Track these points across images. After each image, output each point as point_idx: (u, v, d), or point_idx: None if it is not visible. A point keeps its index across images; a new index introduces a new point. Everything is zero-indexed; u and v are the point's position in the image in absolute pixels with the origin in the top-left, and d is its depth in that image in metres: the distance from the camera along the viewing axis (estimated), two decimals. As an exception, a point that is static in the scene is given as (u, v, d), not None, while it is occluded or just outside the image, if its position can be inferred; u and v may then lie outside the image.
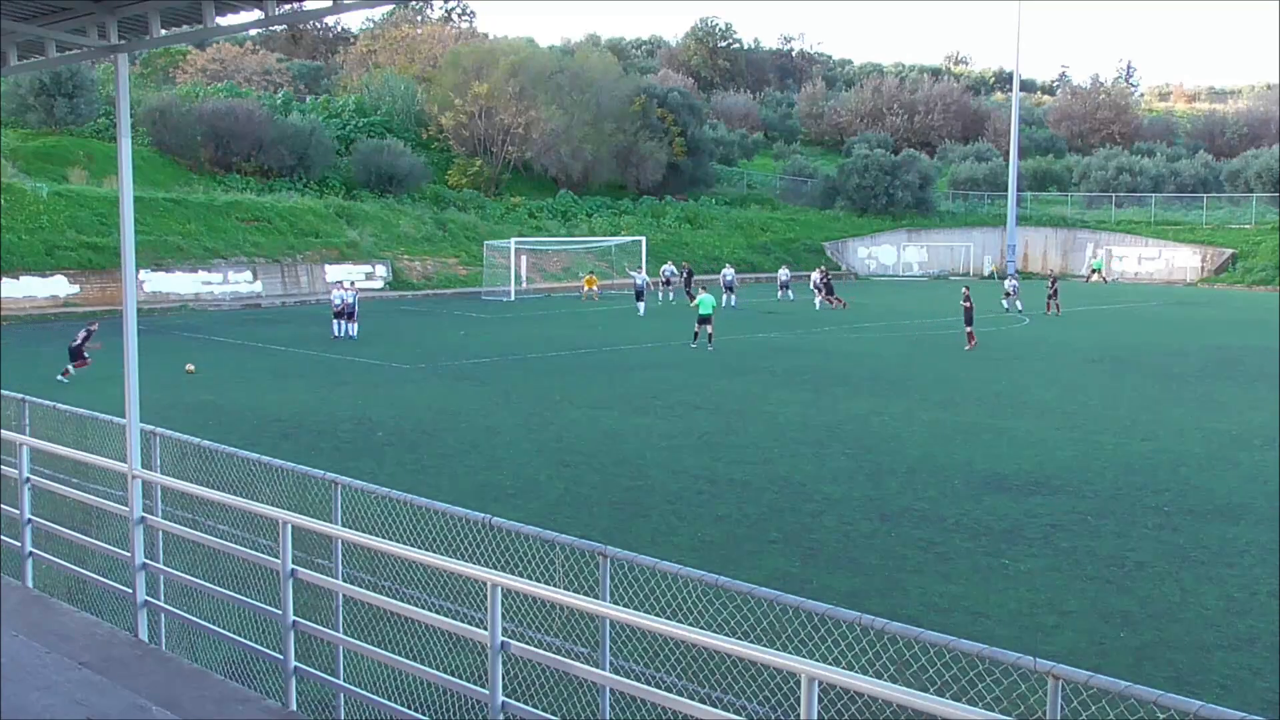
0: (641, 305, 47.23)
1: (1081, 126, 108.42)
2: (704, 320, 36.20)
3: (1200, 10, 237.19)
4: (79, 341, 29.70)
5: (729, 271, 55.62)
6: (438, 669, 8.23)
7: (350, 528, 9.39)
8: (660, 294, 55.24)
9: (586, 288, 57.01)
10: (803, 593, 9.47)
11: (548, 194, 77.21)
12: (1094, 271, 74.77)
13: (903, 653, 7.87)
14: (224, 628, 9.57)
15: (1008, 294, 51.83)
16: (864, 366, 32.54)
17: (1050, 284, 51.92)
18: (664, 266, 58.73)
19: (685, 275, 56.68)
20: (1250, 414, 25.42)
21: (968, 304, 37.37)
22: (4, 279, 45.27)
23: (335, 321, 39.28)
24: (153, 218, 52.17)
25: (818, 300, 52.14)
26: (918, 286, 69.33)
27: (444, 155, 76.88)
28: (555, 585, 8.20)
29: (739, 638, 7.26)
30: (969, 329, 36.86)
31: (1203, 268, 72.83)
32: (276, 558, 8.66)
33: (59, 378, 28.42)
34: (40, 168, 57.01)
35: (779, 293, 57.08)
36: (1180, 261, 73.58)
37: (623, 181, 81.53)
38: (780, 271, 60.75)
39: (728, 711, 7.00)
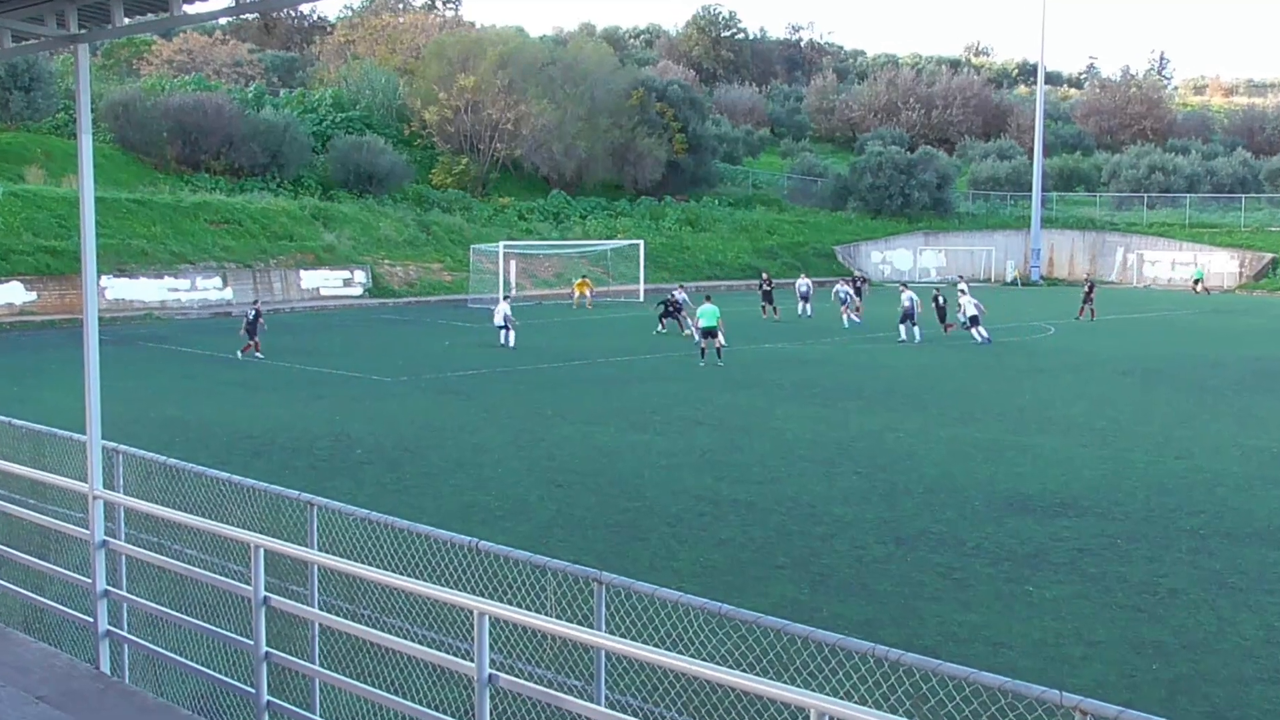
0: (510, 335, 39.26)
1: (1111, 122, 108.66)
2: (708, 334, 35.19)
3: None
4: (252, 318, 36.39)
5: (804, 282, 52.37)
6: (421, 704, 8.24)
7: (327, 552, 9.39)
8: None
9: (578, 293, 57.03)
10: (812, 622, 9.48)
11: (539, 194, 77.28)
12: (1196, 282, 71.21)
13: (919, 686, 7.89)
14: (192, 659, 9.57)
15: (854, 305, 48.65)
16: (877, 379, 32.57)
17: (1086, 288, 52.87)
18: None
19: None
20: (1292, 430, 25.45)
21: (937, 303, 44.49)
22: (-45, 285, 45.26)
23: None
24: (115, 220, 52.20)
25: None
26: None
27: (427, 153, 76.95)
28: (546, 614, 8.21)
29: (744, 670, 7.27)
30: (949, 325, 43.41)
31: (1241, 273, 72.92)
32: (248, 584, 8.67)
33: (242, 354, 35.57)
34: (-6, 166, 57.09)
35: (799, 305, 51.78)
36: (1217, 266, 73.62)
37: (619, 181, 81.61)
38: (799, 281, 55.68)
39: (731, 749, 7.01)
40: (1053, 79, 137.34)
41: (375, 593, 10.53)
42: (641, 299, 58.73)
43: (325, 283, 57.50)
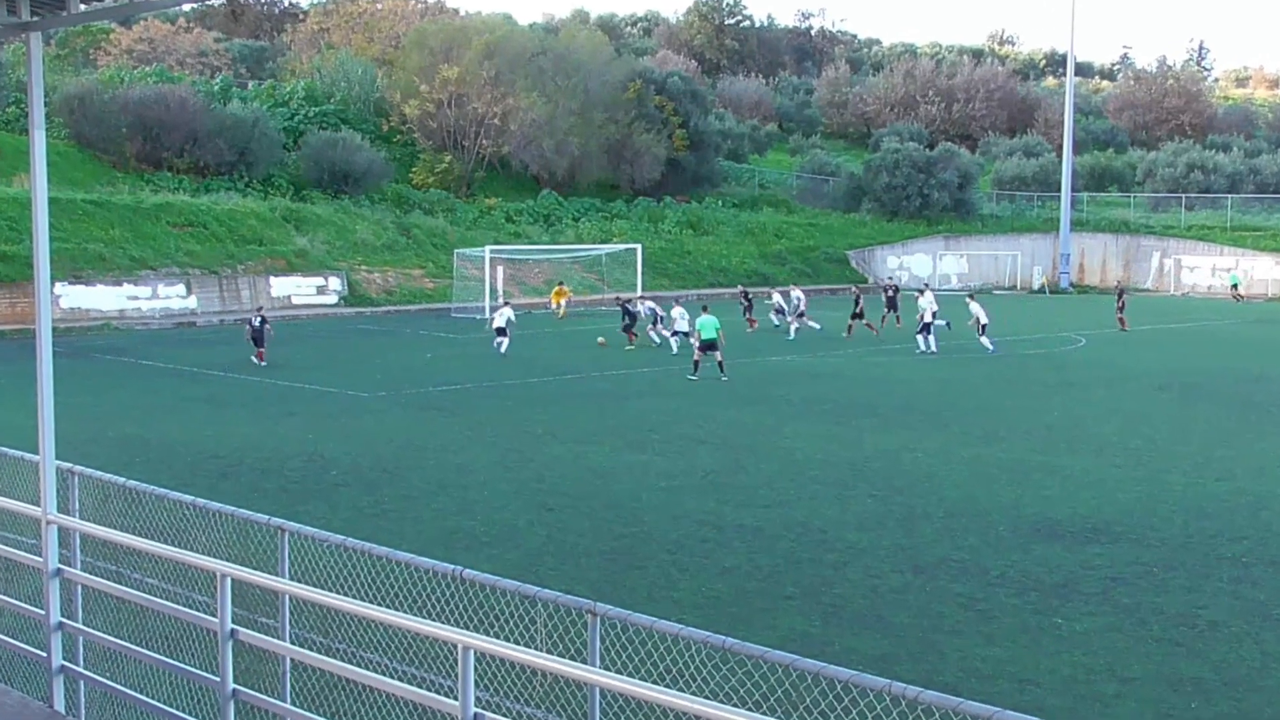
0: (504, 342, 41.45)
1: (1146, 117, 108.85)
2: (708, 346, 35.02)
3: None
4: (258, 325, 37.53)
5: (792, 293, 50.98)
6: (400, 745, 8.24)
7: (299, 581, 9.40)
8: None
9: (555, 302, 56.86)
10: (824, 656, 9.49)
11: (528, 195, 77.37)
12: (1233, 288, 71.86)
13: (939, 726, 7.90)
14: (153, 697, 9.57)
15: (798, 312, 48.09)
16: (894, 394, 32.60)
17: (1118, 297, 52.93)
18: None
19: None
20: (1342, 449, 25.48)
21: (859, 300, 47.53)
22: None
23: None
24: (70, 222, 52.22)
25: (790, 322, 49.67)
26: (957, 302, 69.34)
27: (408, 150, 77.02)
28: (536, 648, 8.22)
29: (750, 708, 7.28)
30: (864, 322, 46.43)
31: (1287, 280, 73.07)
32: (213, 616, 8.67)
33: (258, 362, 36.86)
34: (-60, 164, 57.15)
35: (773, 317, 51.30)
36: (1261, 273, 73.72)
37: (615, 180, 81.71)
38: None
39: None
40: (1083, 70, 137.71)
41: (351, 625, 10.53)
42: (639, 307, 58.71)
43: (297, 290, 57.47)
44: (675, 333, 42.18)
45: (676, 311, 42.86)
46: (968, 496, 20.76)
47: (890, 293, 53.05)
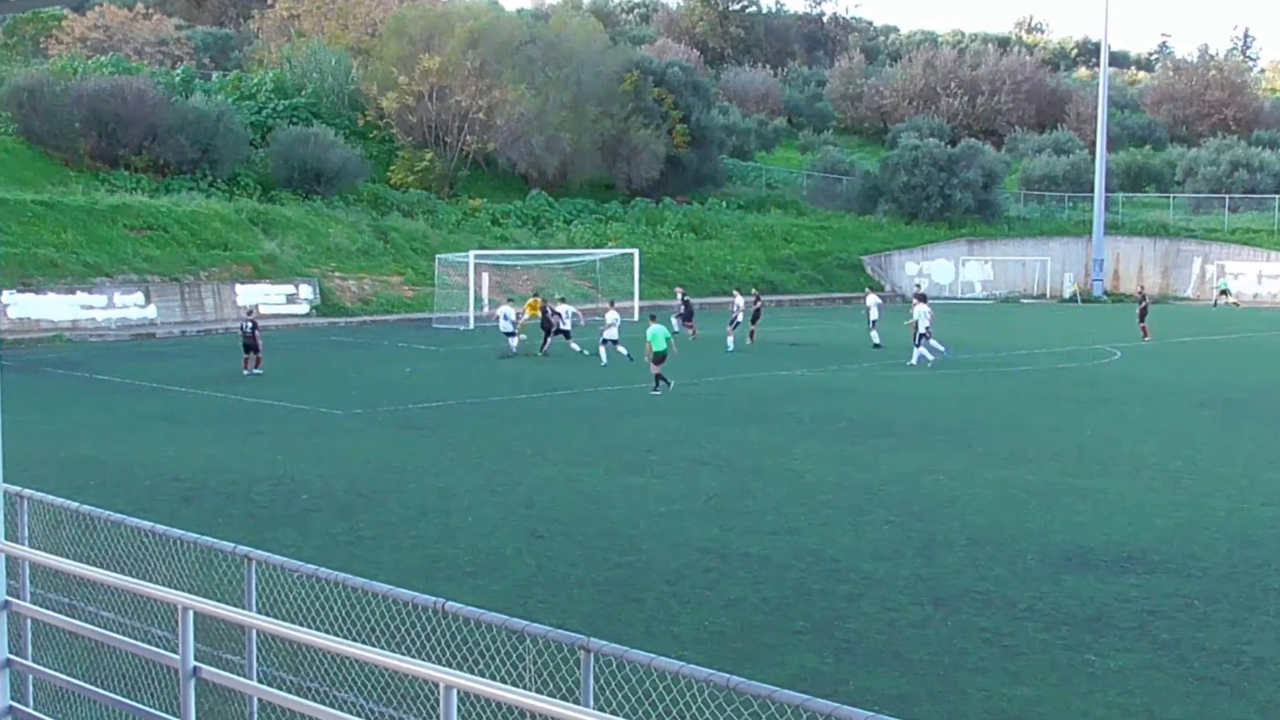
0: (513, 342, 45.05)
1: (1186, 111, 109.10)
2: (661, 359, 35.11)
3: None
4: (250, 331, 39.01)
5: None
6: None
7: (267, 614, 9.41)
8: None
9: (529, 315, 56.52)
10: (837, 696, 9.51)
11: (515, 195, 77.45)
12: (1222, 293, 75.01)
13: (961, 771, 7.93)
14: (108, 741, 9.58)
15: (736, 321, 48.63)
16: (912, 412, 32.61)
17: (1139, 303, 53.14)
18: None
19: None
20: (1398, 471, 25.49)
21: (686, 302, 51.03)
22: None
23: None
24: (19, 225, 52.28)
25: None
26: (981, 312, 69.51)
27: (385, 147, 77.10)
28: (525, 687, 8.24)
29: (755, 752, 7.30)
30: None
31: (1339, 287, 73.26)
32: (175, 652, 8.68)
33: (254, 372, 38.53)
34: (-123, 162, 57.24)
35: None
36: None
37: (610, 179, 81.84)
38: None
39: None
40: (1118, 60, 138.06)
41: (324, 662, 10.54)
42: (635, 318, 58.72)
43: (265, 299, 57.39)
44: (605, 341, 42.19)
45: (611, 316, 42.91)
46: (993, 523, 20.77)
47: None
